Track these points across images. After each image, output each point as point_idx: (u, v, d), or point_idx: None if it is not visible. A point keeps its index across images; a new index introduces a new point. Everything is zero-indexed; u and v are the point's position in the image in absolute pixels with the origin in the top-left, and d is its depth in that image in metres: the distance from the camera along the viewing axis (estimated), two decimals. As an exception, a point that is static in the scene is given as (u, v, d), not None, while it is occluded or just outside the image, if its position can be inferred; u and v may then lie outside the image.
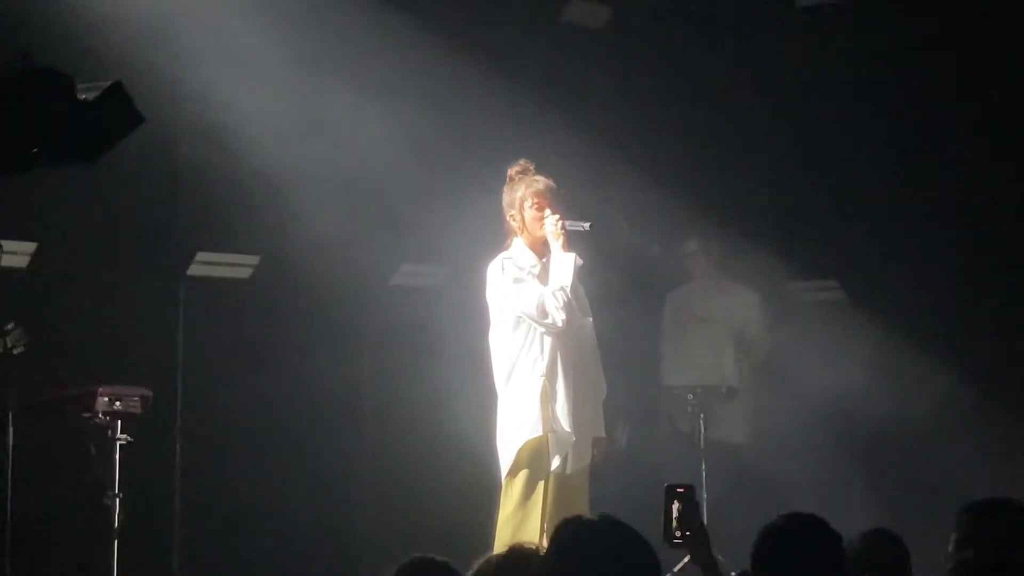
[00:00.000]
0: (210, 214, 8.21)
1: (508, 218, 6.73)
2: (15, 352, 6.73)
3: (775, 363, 9.01)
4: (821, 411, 8.74)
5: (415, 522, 8.53)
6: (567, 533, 3.64)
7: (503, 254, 6.71)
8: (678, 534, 4.11)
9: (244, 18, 7.72)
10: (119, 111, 4.72)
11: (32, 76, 4.57)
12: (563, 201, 6.72)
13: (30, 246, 7.60)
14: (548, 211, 6.64)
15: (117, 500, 7.11)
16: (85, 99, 4.65)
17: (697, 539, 4.10)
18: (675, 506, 4.10)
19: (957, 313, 8.93)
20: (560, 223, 6.62)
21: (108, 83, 4.71)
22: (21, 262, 7.58)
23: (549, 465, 6.52)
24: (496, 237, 6.85)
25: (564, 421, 6.55)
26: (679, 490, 4.13)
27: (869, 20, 9.15)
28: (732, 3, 9.40)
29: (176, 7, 7.63)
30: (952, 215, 8.95)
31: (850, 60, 9.24)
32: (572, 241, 6.65)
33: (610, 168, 8.75)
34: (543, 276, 6.64)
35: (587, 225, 6.68)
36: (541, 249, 6.70)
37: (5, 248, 6.93)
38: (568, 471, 6.57)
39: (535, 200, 6.67)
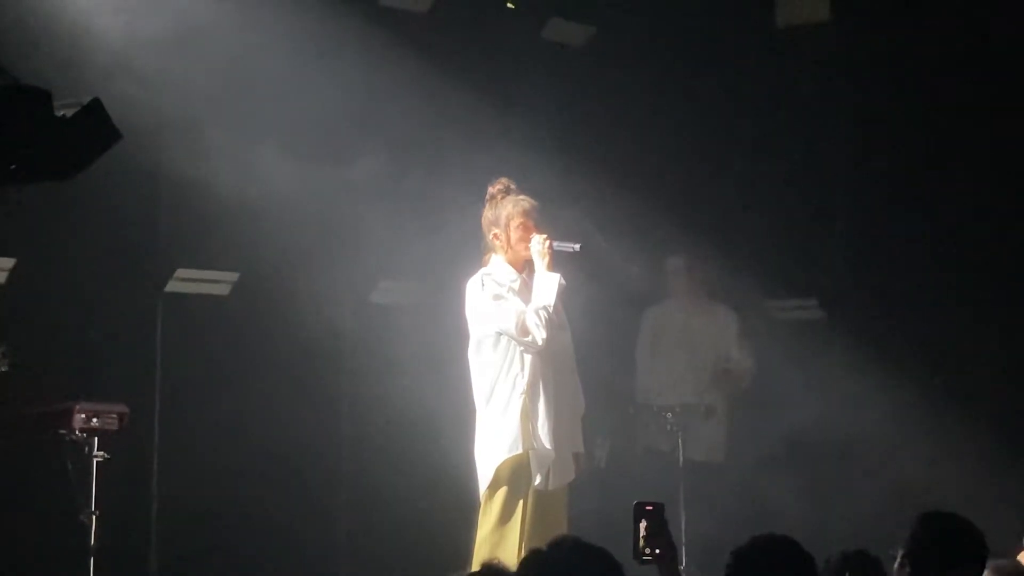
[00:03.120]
0: (189, 231, 8.19)
1: (491, 236, 6.72)
2: None
3: (754, 382, 9.01)
4: (800, 430, 8.74)
5: (394, 539, 8.52)
6: (531, 566, 3.66)
7: (483, 270, 6.70)
8: (647, 551, 4.13)
9: (226, 36, 7.72)
10: (97, 128, 4.72)
11: (9, 92, 4.55)
12: (547, 220, 6.72)
13: (8, 262, 7.58)
14: (534, 231, 6.64)
15: (94, 517, 7.08)
16: (63, 115, 4.64)
17: (666, 556, 4.12)
18: (642, 524, 4.13)
19: (936, 332, 8.95)
20: (547, 243, 6.62)
21: (86, 100, 4.71)
22: (-1, 278, 7.57)
23: (529, 483, 6.52)
24: (474, 254, 6.85)
25: (545, 438, 6.55)
26: (648, 508, 4.15)
27: (848, 39, 9.18)
28: (712, 22, 9.42)
29: (157, 25, 7.62)
30: (933, 233, 8.97)
31: (829, 79, 9.27)
32: (557, 261, 6.65)
33: (590, 186, 8.75)
34: (523, 292, 6.63)
35: (577, 246, 6.67)
36: (522, 266, 6.70)
37: (-17, 264, 6.93)
38: (549, 487, 6.57)
39: (522, 220, 6.67)
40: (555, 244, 6.64)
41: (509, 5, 9.29)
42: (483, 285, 6.63)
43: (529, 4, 9.33)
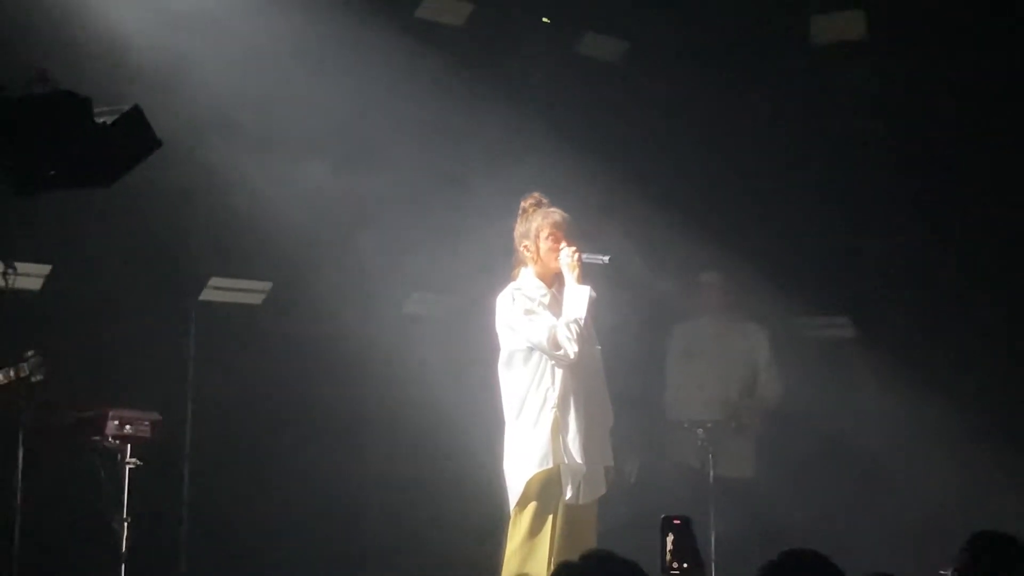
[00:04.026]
0: (224, 240, 8.23)
1: (521, 248, 6.71)
2: (33, 380, 6.76)
3: (785, 399, 8.99)
4: (830, 446, 8.72)
5: (422, 551, 8.52)
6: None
7: (512, 284, 6.69)
8: (674, 566, 4.14)
9: (261, 44, 7.76)
10: (136, 135, 4.74)
11: (50, 98, 4.59)
12: (579, 233, 6.72)
13: (44, 268, 7.64)
14: (564, 243, 6.64)
15: (125, 524, 7.12)
16: (103, 122, 4.67)
17: (694, 570, 4.12)
18: (669, 538, 4.13)
19: (969, 349, 8.92)
20: (576, 255, 6.61)
21: (127, 107, 4.74)
22: (35, 284, 7.62)
23: (559, 497, 6.50)
24: (506, 267, 6.85)
25: (576, 452, 6.53)
26: (675, 522, 4.16)
27: (884, 57, 9.17)
28: (747, 40, 9.42)
29: (193, 34, 7.67)
30: (964, 252, 8.95)
31: (865, 97, 9.26)
32: (586, 274, 6.64)
33: (623, 201, 8.76)
34: (553, 306, 6.62)
35: (606, 258, 6.64)
36: (551, 280, 6.69)
37: (19, 270, 6.97)
38: (580, 502, 6.55)
39: (551, 232, 6.66)
40: (584, 256, 6.63)
41: (544, 20, 9.31)
42: (514, 300, 6.61)
43: (564, 19, 9.35)
